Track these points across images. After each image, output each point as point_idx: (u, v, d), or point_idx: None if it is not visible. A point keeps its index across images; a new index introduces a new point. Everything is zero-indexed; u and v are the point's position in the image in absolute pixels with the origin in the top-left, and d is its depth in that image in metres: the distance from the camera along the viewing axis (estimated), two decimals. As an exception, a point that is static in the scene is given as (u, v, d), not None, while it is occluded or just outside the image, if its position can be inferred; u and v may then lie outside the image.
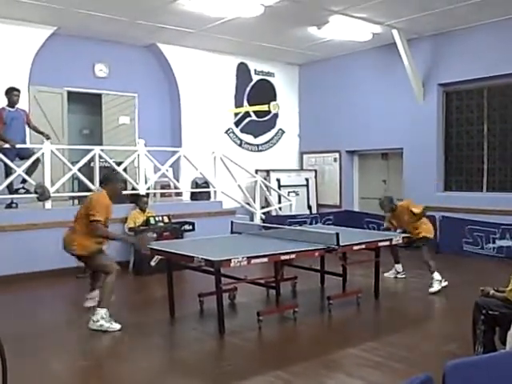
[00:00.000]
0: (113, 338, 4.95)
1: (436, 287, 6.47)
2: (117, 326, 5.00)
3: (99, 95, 10.18)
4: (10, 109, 7.87)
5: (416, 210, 6.81)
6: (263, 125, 12.27)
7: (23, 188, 7.92)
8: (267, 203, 10.76)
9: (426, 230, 6.96)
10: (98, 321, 4.97)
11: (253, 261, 4.86)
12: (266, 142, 12.34)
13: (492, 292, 3.82)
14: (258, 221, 10.04)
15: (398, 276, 7.38)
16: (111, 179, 5.51)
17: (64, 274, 7.45)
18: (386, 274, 7.28)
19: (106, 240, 5.40)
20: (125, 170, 8.72)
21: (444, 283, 6.61)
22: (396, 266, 7.41)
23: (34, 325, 5.35)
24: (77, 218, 5.28)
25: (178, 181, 9.60)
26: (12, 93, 7.87)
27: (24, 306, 6.16)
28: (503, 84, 9.34)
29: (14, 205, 7.86)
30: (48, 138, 8.07)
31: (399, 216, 6.98)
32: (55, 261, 7.49)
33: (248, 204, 10.24)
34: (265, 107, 12.26)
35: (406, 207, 6.92)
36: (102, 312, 4.99)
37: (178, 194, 10.21)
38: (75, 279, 7.35)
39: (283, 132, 12.61)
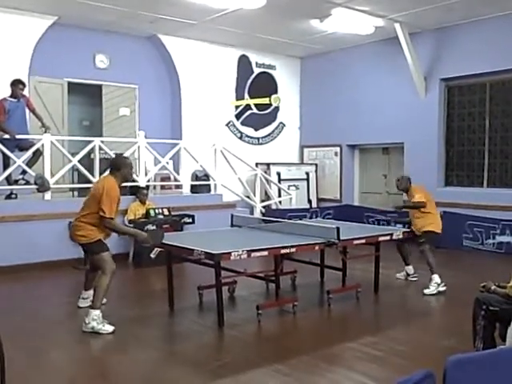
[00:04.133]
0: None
1: (432, 289, 6.20)
2: (109, 328, 4.75)
3: (100, 86, 10.13)
4: (12, 99, 7.84)
5: (416, 196, 6.56)
6: (264, 118, 12.23)
7: (23, 179, 7.90)
8: (267, 197, 10.74)
9: (430, 223, 6.54)
10: (89, 323, 4.74)
11: (253, 254, 4.85)
12: (266, 135, 12.30)
13: (494, 287, 3.81)
14: (257, 214, 10.02)
15: (409, 278, 6.92)
16: (119, 165, 5.05)
17: (63, 265, 7.45)
18: (397, 275, 7.03)
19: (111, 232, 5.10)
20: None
21: (442, 288, 6.24)
22: (406, 268, 6.97)
23: (31, 316, 5.34)
24: (85, 205, 5.00)
25: (178, 173, 9.58)
26: (17, 86, 7.84)
27: (22, 297, 6.15)
28: (506, 79, 9.30)
29: (13, 196, 7.85)
30: (47, 129, 8.04)
31: (409, 197, 6.80)
32: (54, 252, 7.52)
33: (248, 197, 10.22)
34: (266, 100, 12.21)
35: (413, 189, 6.69)
36: (94, 313, 4.76)
37: (178, 187, 10.18)
38: (74, 270, 7.35)
39: (284, 125, 12.57)
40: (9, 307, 5.67)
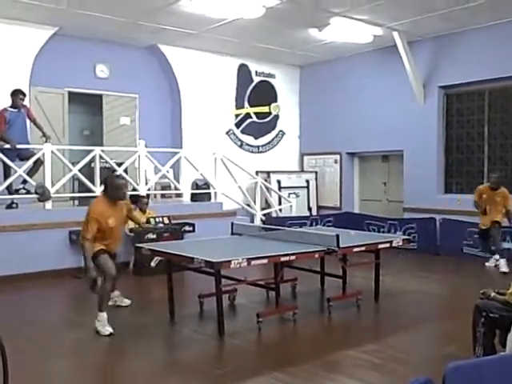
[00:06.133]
0: (113, 338, 4.94)
1: (506, 268, 7.65)
2: (106, 331, 4.93)
3: (100, 96, 10.18)
4: (13, 109, 7.87)
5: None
6: (264, 126, 12.27)
7: (24, 188, 7.92)
8: (267, 205, 10.75)
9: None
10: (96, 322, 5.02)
11: (253, 262, 4.87)
12: (266, 144, 12.34)
13: (493, 294, 3.81)
14: (258, 222, 10.03)
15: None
16: (105, 183, 5.30)
17: (64, 274, 7.46)
18: (487, 264, 8.19)
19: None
20: (125, 170, 8.72)
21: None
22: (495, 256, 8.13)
23: (33, 325, 5.34)
24: None
25: (178, 182, 9.60)
26: (18, 96, 7.87)
27: (24, 306, 6.16)
28: (505, 86, 9.34)
29: (14, 205, 7.87)
30: (48, 139, 8.07)
31: (494, 195, 8.05)
32: (55, 261, 7.54)
33: (248, 205, 10.24)
34: (265, 109, 12.26)
35: (506, 196, 8.02)
36: (99, 315, 5.02)
37: (179, 195, 10.22)
38: (75, 279, 7.35)
39: (284, 133, 12.61)
40: (9, 316, 5.66)
